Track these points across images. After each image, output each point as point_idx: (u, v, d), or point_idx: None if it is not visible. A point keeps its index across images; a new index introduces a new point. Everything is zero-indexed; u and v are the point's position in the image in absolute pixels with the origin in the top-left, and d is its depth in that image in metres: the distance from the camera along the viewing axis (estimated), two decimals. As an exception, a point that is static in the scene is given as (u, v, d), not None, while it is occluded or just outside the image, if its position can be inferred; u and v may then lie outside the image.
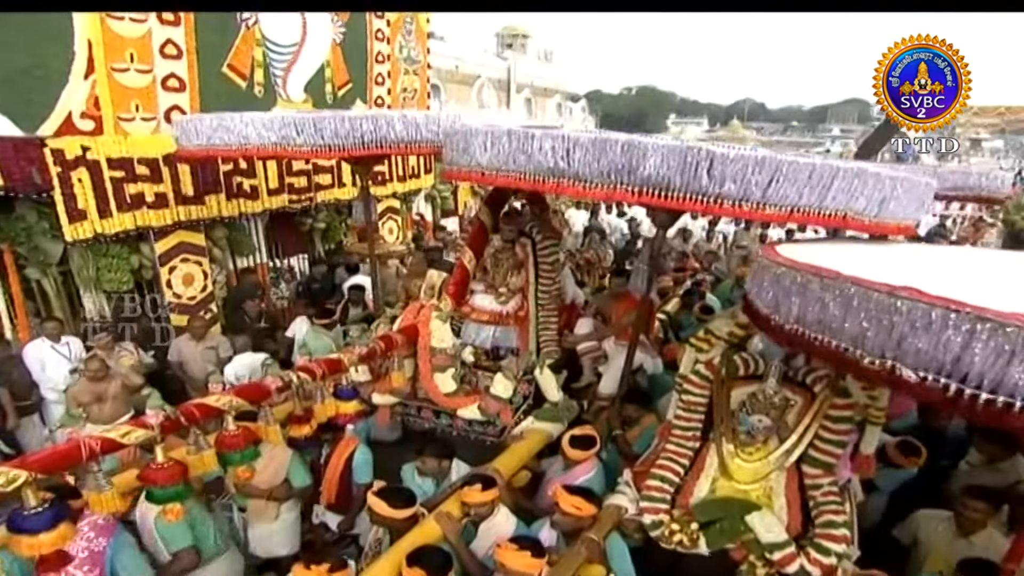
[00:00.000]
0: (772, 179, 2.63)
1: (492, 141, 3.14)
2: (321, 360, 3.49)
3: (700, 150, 2.60)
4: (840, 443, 2.96)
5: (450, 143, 3.61)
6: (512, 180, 3.14)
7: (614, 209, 13.50)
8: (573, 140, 2.81)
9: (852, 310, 1.81)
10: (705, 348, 3.26)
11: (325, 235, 8.76)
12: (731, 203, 2.70)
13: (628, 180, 2.74)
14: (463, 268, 4.57)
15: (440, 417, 4.28)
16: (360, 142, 4.19)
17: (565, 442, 3.62)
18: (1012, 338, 1.42)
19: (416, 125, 4.34)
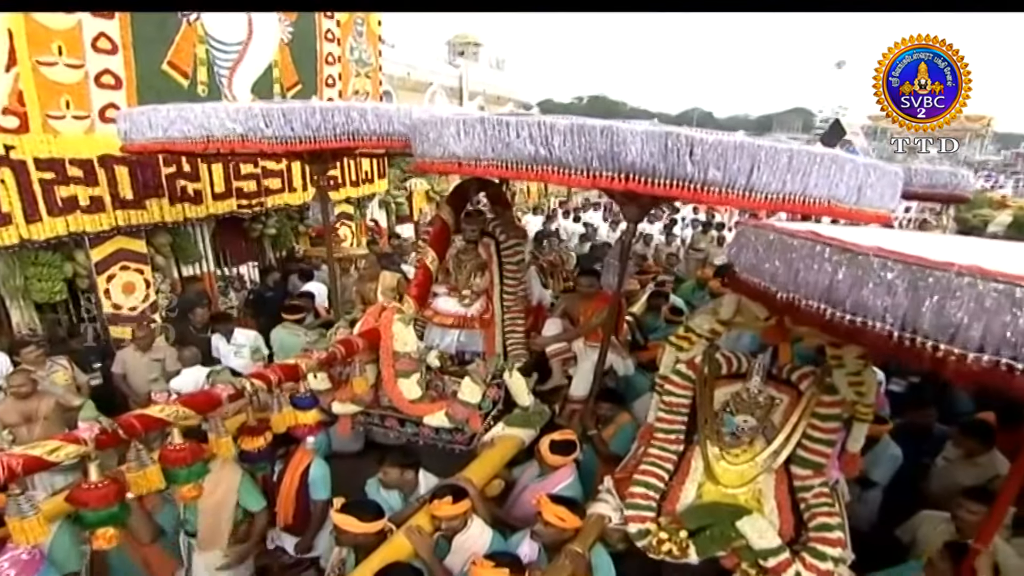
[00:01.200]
0: (753, 165, 2.55)
1: (466, 130, 2.98)
2: (276, 366, 3.24)
3: (679, 135, 2.49)
4: (829, 442, 2.88)
5: (420, 134, 3.43)
6: (491, 169, 3.00)
7: (571, 214, 13.53)
8: (551, 126, 2.67)
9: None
10: (685, 347, 3.16)
11: (276, 241, 8.41)
12: (717, 190, 2.58)
13: (612, 166, 2.61)
14: (425, 269, 4.38)
15: (405, 425, 4.07)
16: (332, 134, 3.94)
17: (544, 447, 3.45)
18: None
19: (388, 117, 4.11)
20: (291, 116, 3.84)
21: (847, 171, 2.76)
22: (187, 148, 4.18)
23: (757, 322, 3.03)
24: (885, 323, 1.60)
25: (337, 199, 9.05)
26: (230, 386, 2.92)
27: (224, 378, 3.01)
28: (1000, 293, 1.38)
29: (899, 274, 1.57)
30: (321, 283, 7.20)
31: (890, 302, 1.59)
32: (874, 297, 1.63)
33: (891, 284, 1.59)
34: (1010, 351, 1.38)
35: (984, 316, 1.41)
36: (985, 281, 1.41)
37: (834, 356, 2.89)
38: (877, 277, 1.62)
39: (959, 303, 1.45)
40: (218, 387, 2.95)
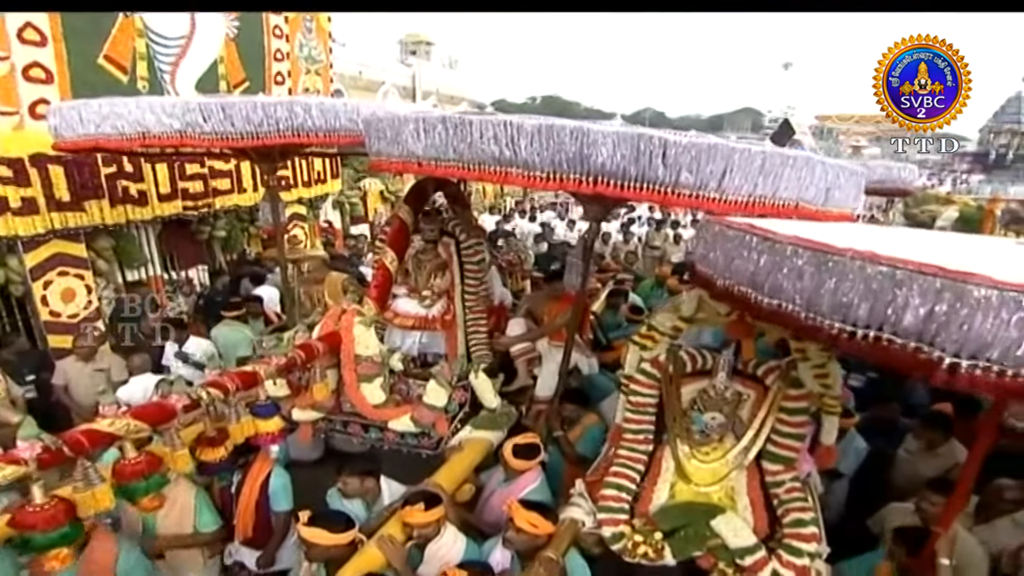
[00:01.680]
0: (726, 168, 2.54)
1: (426, 128, 2.87)
2: (233, 373, 3.10)
3: (652, 137, 2.46)
4: (798, 436, 2.90)
5: (376, 132, 3.31)
6: (453, 170, 2.90)
7: (527, 214, 13.53)
8: (517, 127, 2.59)
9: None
10: (649, 345, 3.15)
11: (226, 244, 8.14)
12: (689, 193, 2.55)
13: (581, 169, 2.55)
14: (384, 270, 4.26)
15: (369, 431, 3.96)
16: (275, 130, 3.79)
17: (507, 452, 3.41)
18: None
19: (335, 113, 3.99)
20: (231, 111, 3.67)
21: (817, 173, 2.79)
22: (121, 145, 3.98)
23: (719, 317, 3.05)
24: (795, 304, 1.78)
25: (289, 200, 8.81)
26: (185, 396, 2.78)
27: (178, 388, 2.86)
28: (884, 275, 1.54)
29: (807, 260, 1.75)
30: (273, 287, 7.00)
31: (799, 285, 1.77)
32: (787, 281, 1.82)
33: (801, 269, 1.77)
34: (890, 328, 1.54)
35: (871, 296, 1.57)
36: (873, 264, 1.57)
37: (798, 349, 2.93)
38: (790, 263, 1.81)
39: (851, 284, 1.61)
40: (172, 397, 2.80)
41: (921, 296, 1.47)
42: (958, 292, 1.41)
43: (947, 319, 1.43)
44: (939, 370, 1.45)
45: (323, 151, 8.63)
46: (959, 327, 1.41)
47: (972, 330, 1.40)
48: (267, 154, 4.68)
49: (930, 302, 1.45)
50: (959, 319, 1.41)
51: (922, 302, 1.47)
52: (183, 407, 2.75)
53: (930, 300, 1.45)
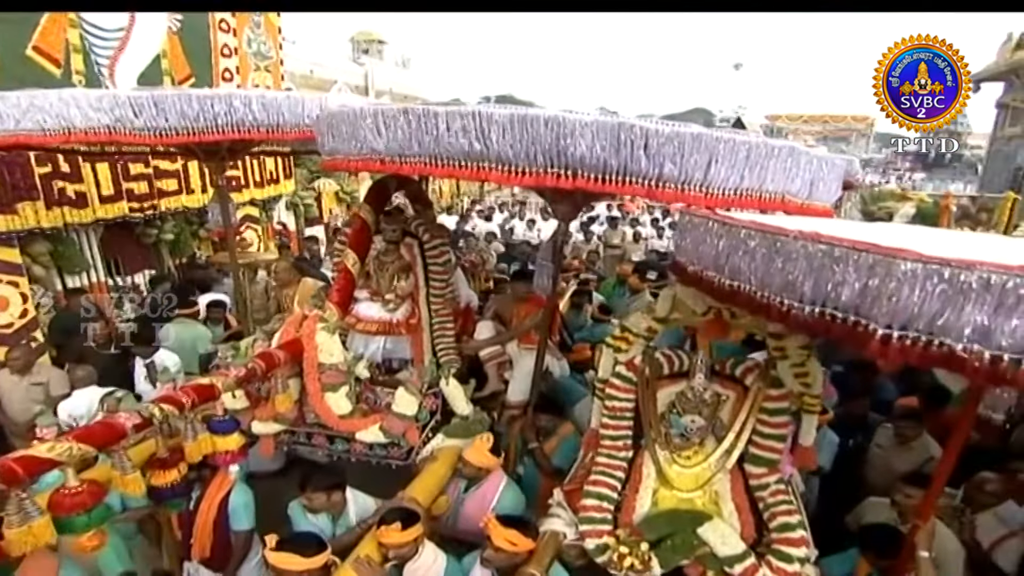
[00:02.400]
0: (711, 159, 2.44)
1: (387, 122, 2.69)
2: (188, 387, 2.89)
3: (633, 127, 2.34)
4: (780, 437, 2.84)
5: (329, 128, 3.10)
6: (418, 167, 2.72)
7: (484, 214, 13.39)
8: (488, 117, 2.43)
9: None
10: (624, 347, 3.06)
11: (175, 247, 7.72)
12: (673, 186, 2.45)
13: (558, 162, 2.41)
14: (347, 273, 4.06)
15: (335, 443, 3.78)
16: (213, 125, 3.55)
17: (473, 453, 3.28)
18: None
19: (278, 107, 3.75)
20: (164, 105, 3.42)
21: (802, 164, 2.72)
22: (45, 142, 3.67)
23: (694, 317, 2.98)
24: (750, 284, 1.89)
25: (241, 201, 8.46)
26: (135, 414, 2.57)
27: (128, 404, 2.63)
28: (824, 253, 1.63)
29: (759, 242, 1.86)
30: (222, 294, 6.63)
31: (752, 265, 1.88)
32: (742, 262, 1.93)
33: (754, 250, 1.88)
34: (832, 303, 1.63)
35: (813, 274, 1.66)
36: (814, 243, 1.65)
37: (776, 348, 2.88)
38: (744, 245, 1.93)
39: (796, 263, 1.70)
40: (120, 415, 2.58)
41: (856, 271, 1.56)
42: (887, 267, 1.49)
43: (879, 292, 1.51)
44: (873, 341, 1.52)
45: (275, 149, 8.35)
46: (889, 299, 1.49)
47: (900, 302, 1.47)
48: (214, 152, 4.42)
49: (864, 277, 1.55)
50: (888, 292, 1.49)
51: (857, 277, 1.56)
52: (133, 426, 2.54)
53: (864, 275, 1.55)
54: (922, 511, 2.66)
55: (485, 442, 3.34)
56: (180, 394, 2.79)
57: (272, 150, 8.88)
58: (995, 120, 9.01)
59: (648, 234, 11.36)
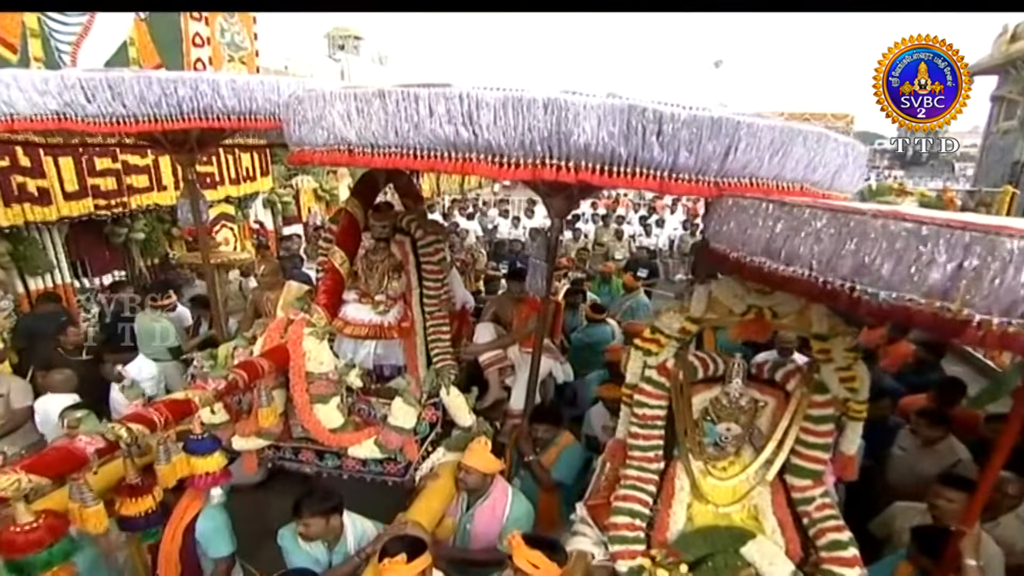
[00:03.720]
0: (730, 146, 2.16)
1: (359, 107, 2.35)
2: (161, 404, 2.52)
3: (645, 110, 2.03)
4: (825, 446, 2.57)
5: (295, 115, 2.74)
6: (396, 158, 2.38)
7: (466, 212, 13.05)
8: (476, 100, 2.12)
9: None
10: (654, 350, 2.76)
11: (146, 247, 7.26)
12: (687, 177, 2.19)
13: (559, 152, 2.12)
14: (334, 273, 3.70)
15: (324, 458, 3.44)
16: (177, 112, 3.17)
17: (471, 460, 2.95)
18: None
19: (250, 92, 3.36)
20: (120, 88, 3.03)
21: (828, 151, 2.48)
22: None
23: (731, 317, 2.70)
24: (811, 269, 1.66)
25: (216, 198, 8.02)
26: (97, 437, 2.20)
27: (89, 425, 2.27)
28: (909, 232, 1.42)
29: (827, 222, 1.63)
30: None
31: (817, 248, 1.65)
32: (803, 246, 1.70)
33: (819, 232, 1.65)
34: (916, 288, 1.40)
35: (893, 255, 1.44)
36: (897, 222, 1.45)
37: (821, 350, 2.60)
38: (808, 226, 1.69)
39: (872, 244, 1.49)
40: (80, 439, 2.21)
41: (948, 252, 1.35)
42: (989, 245, 1.28)
43: (978, 274, 1.30)
44: (969, 328, 1.33)
45: (253, 143, 7.91)
46: (990, 282, 1.29)
47: (1004, 285, 1.27)
48: (181, 143, 4.03)
49: (959, 257, 1.34)
50: (990, 274, 1.28)
51: (949, 258, 1.35)
52: (96, 451, 2.17)
53: (959, 255, 1.34)
54: (966, 516, 2.42)
55: (484, 445, 3.03)
56: (152, 412, 2.43)
57: (250, 143, 8.43)
58: (989, 114, 8.93)
59: (635, 232, 11.14)
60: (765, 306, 2.58)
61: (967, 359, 5.37)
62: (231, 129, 3.86)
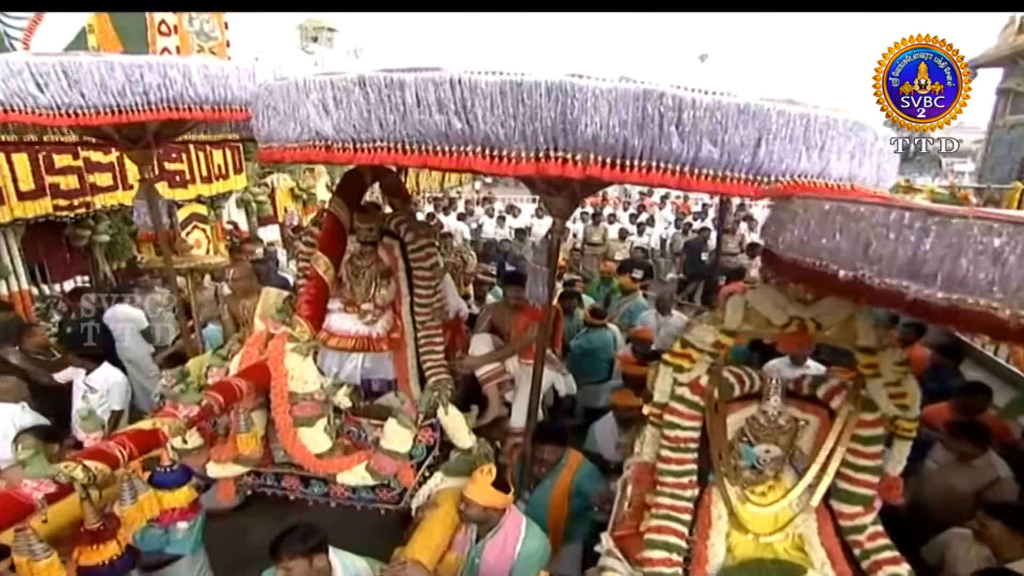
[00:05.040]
0: (760, 137, 1.93)
1: (336, 97, 2.11)
2: (125, 436, 2.23)
3: (663, 95, 1.80)
4: (876, 469, 2.38)
5: (264, 106, 2.48)
6: (379, 154, 2.14)
7: (447, 210, 12.76)
8: (470, 86, 1.88)
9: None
10: (686, 366, 2.53)
11: (111, 251, 6.88)
12: (711, 173, 1.96)
13: (564, 144, 1.89)
14: (318, 281, 3.38)
15: (310, 485, 3.16)
16: (144, 102, 2.90)
17: (475, 492, 2.67)
18: None
19: (225, 79, 3.13)
20: (77, 75, 2.75)
21: (869, 143, 2.26)
22: None
23: (770, 328, 2.48)
24: (992, 298, 1.29)
25: (186, 198, 7.68)
26: (47, 482, 1.91)
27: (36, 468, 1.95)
28: None
29: (1009, 239, 1.26)
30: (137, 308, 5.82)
31: (997, 273, 1.28)
32: (975, 268, 1.32)
33: (998, 251, 1.28)
34: None
35: None
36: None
37: (868, 364, 2.39)
38: (979, 244, 1.32)
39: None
40: (26, 485, 1.91)
41: None
42: None
43: None
44: None
45: (224, 138, 7.60)
46: None
47: None
48: (137, 139, 3.72)
49: None
50: None
51: None
52: (45, 497, 1.88)
53: None
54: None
55: (487, 474, 2.77)
56: (113, 446, 2.13)
57: (219, 139, 8.12)
58: (994, 107, 8.84)
59: (626, 230, 10.92)
60: (808, 317, 2.38)
61: (985, 364, 5.21)
62: (203, 120, 3.55)
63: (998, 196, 6.18)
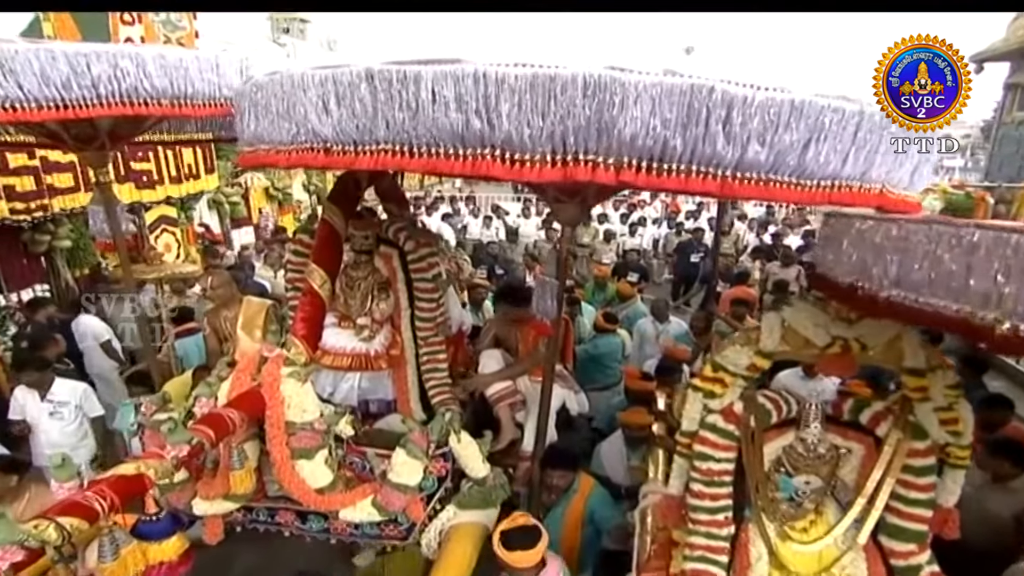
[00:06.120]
0: (811, 138, 1.81)
1: (339, 93, 1.93)
2: (104, 484, 2.02)
3: (713, 91, 1.66)
4: (929, 502, 2.27)
5: (252, 105, 2.30)
6: (387, 157, 1.96)
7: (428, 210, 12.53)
8: (497, 80, 1.72)
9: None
10: (718, 391, 2.40)
11: (73, 257, 6.61)
12: (755, 177, 1.81)
13: (597, 146, 1.73)
14: (313, 296, 3.16)
15: (307, 521, 2.98)
16: (92, 95, 2.68)
17: (498, 546, 2.56)
18: None
19: (184, 69, 2.90)
20: (13, 64, 2.50)
21: (912, 143, 2.14)
22: None
23: (809, 349, 2.36)
24: None
25: (154, 200, 7.40)
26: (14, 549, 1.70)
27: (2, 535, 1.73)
28: None
29: None
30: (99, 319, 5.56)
31: None
32: None
33: None
34: None
35: None
36: None
37: (917, 388, 2.28)
38: None
39: None
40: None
41: None
42: None
43: None
44: None
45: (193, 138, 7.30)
46: None
47: None
48: (88, 138, 3.46)
49: None
50: None
51: None
52: (11, 568, 1.67)
53: None
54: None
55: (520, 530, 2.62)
56: (91, 496, 1.93)
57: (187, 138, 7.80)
58: (1001, 103, 8.81)
59: (617, 231, 10.81)
60: (852, 337, 2.26)
61: (1008, 373, 5.18)
62: (162, 117, 3.32)
63: (1008, 196, 6.15)
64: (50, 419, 4.29)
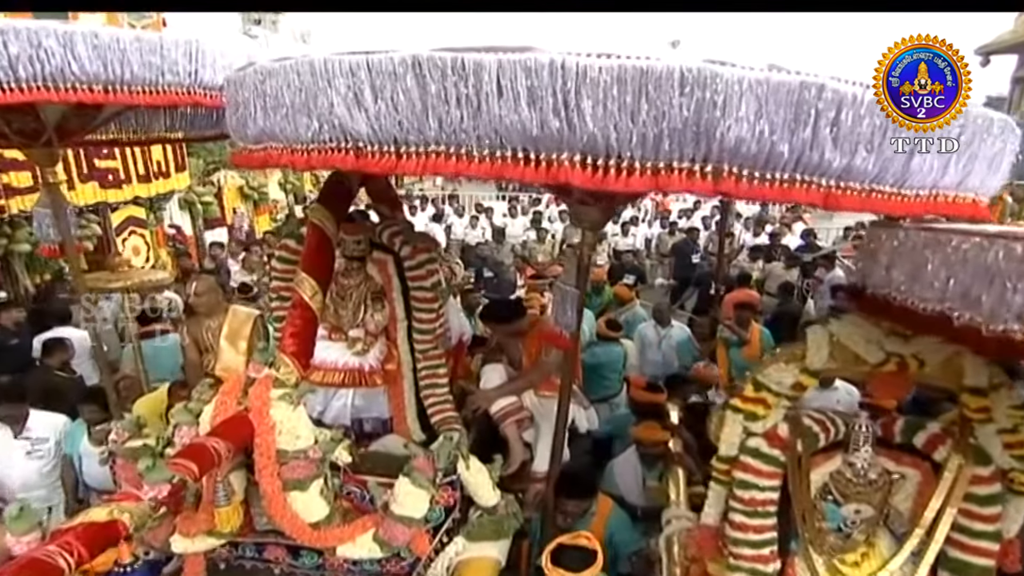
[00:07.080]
0: (916, 144, 1.70)
1: (378, 84, 1.69)
2: (72, 533, 1.80)
3: (823, 89, 1.50)
4: (996, 535, 2.12)
5: (257, 97, 2.04)
6: (437, 160, 1.72)
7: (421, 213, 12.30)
8: (579, 73, 1.49)
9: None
10: (760, 413, 2.24)
11: (32, 262, 6.32)
12: (859, 188, 1.67)
13: (695, 152, 1.54)
14: (304, 309, 2.93)
15: (300, 556, 2.77)
16: (10, 79, 2.43)
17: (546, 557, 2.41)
18: None
19: (121, 51, 2.61)
20: None
21: (1009, 148, 2.00)
22: None
23: (860, 366, 2.21)
24: None
25: (121, 200, 7.10)
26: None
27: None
28: None
29: None
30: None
31: None
32: None
33: None
34: None
35: None
36: None
37: (979, 408, 2.14)
38: None
39: None
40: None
41: None
42: None
43: None
44: None
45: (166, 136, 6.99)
46: None
47: None
48: (33, 133, 3.24)
49: None
50: None
51: None
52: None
53: None
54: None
55: None
56: (54, 551, 1.71)
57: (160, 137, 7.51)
58: (1009, 96, 8.79)
59: (608, 230, 10.66)
60: (908, 354, 2.11)
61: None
62: (102, 103, 3.00)
63: (1021, 194, 6.11)
64: (27, 459, 3.91)
